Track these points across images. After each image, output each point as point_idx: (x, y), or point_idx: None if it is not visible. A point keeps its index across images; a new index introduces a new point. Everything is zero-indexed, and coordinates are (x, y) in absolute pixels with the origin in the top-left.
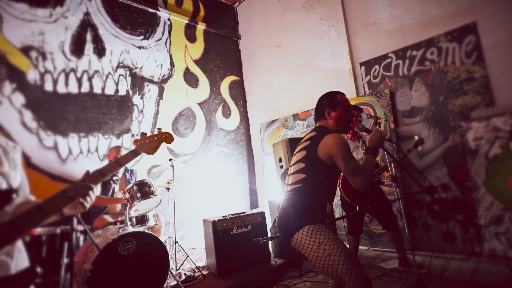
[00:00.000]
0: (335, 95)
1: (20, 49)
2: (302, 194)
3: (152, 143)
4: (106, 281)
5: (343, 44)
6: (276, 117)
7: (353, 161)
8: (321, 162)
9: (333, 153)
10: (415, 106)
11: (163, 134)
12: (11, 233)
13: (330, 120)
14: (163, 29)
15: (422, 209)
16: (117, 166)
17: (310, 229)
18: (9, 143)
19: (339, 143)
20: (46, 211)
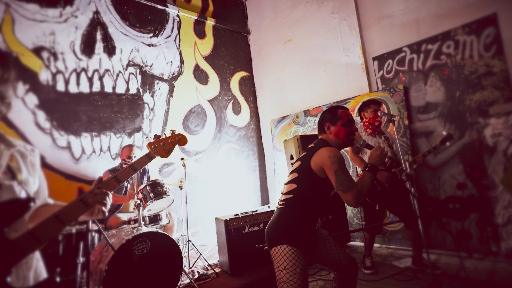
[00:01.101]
0: (336, 110)
1: (32, 50)
2: (292, 206)
3: (166, 145)
4: (122, 281)
5: (355, 38)
6: (287, 113)
7: (346, 177)
8: (313, 174)
9: (326, 167)
10: (430, 102)
11: (176, 136)
12: (31, 243)
13: (330, 135)
14: (172, 26)
15: (436, 207)
16: (131, 171)
17: (286, 249)
18: (27, 146)
19: (332, 156)
20: (63, 220)
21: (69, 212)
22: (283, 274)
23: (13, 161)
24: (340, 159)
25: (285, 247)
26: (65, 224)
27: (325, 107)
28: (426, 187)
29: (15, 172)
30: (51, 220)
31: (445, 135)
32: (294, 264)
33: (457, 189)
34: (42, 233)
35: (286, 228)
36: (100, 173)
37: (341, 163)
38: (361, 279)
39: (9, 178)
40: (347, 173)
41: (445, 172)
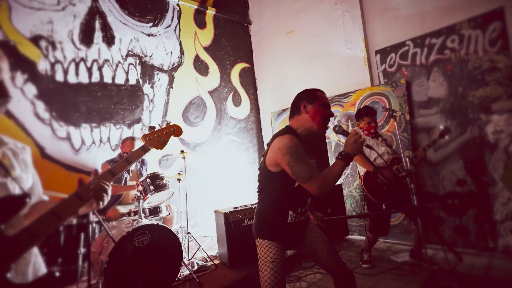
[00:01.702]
0: (315, 91)
1: (29, 38)
2: (262, 203)
3: (161, 137)
4: (122, 272)
5: (358, 31)
6: (288, 106)
7: (301, 166)
8: (268, 170)
9: (279, 161)
10: (432, 97)
11: (171, 127)
12: (28, 240)
13: (305, 115)
14: (172, 15)
15: (435, 202)
16: (126, 164)
17: (260, 242)
18: (18, 144)
19: (282, 147)
20: (60, 216)
21: (65, 208)
22: (259, 263)
23: (5, 158)
24: (291, 149)
25: (260, 241)
26: (61, 219)
27: None
28: (425, 182)
29: (8, 169)
30: (47, 216)
31: (442, 128)
32: (266, 253)
33: (457, 185)
34: (39, 229)
35: (260, 224)
36: (99, 164)
37: (294, 153)
38: (358, 273)
39: (2, 175)
40: (303, 162)
41: (445, 168)
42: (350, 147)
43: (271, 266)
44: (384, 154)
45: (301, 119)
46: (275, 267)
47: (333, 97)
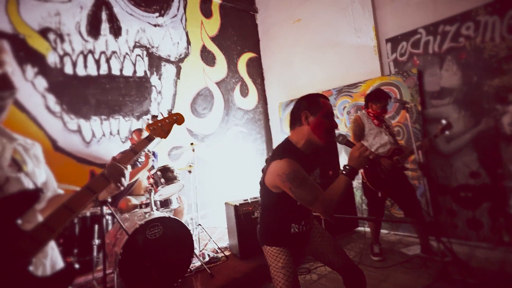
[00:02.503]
0: (317, 98)
1: (38, 31)
2: (263, 213)
3: (164, 126)
4: (136, 264)
5: (368, 19)
6: (295, 97)
7: (304, 191)
8: (269, 190)
9: (279, 185)
10: (444, 87)
11: (173, 116)
12: (45, 233)
13: (306, 127)
14: (178, 5)
15: (447, 195)
16: (132, 154)
17: (267, 249)
18: (28, 140)
19: (281, 174)
20: (73, 209)
21: (78, 200)
22: (270, 271)
23: (16, 154)
24: (290, 175)
25: (266, 248)
26: (75, 212)
27: (334, 90)
28: (437, 174)
29: (20, 164)
30: (61, 209)
31: (444, 123)
32: (276, 260)
33: (470, 177)
34: (54, 223)
35: (264, 231)
36: (111, 156)
37: (294, 179)
38: (369, 266)
39: (15, 171)
40: (304, 186)
41: (457, 160)
42: (355, 160)
43: (284, 272)
44: (386, 144)
45: (302, 131)
46: (287, 272)
47: (342, 87)
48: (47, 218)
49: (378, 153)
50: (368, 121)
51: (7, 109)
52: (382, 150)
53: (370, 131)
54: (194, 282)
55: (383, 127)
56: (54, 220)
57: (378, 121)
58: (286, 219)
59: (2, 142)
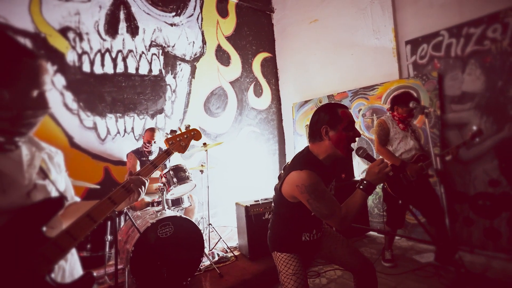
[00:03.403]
0: (336, 109)
1: (58, 30)
2: (274, 219)
3: (182, 141)
4: (147, 262)
5: (387, 20)
6: (310, 98)
7: (321, 204)
8: (285, 199)
9: (297, 196)
10: (466, 92)
11: (191, 131)
12: (68, 241)
13: (327, 142)
14: (195, 4)
15: (464, 203)
16: (152, 168)
17: (277, 255)
18: (52, 148)
19: (300, 186)
20: (95, 219)
21: (100, 211)
22: (280, 276)
23: (43, 162)
24: (310, 188)
25: (276, 253)
26: (96, 222)
27: (350, 92)
28: (455, 181)
29: (46, 172)
30: (83, 218)
31: (475, 130)
32: (286, 266)
33: (489, 185)
34: (77, 231)
35: (274, 237)
36: (125, 153)
37: (313, 191)
38: (380, 272)
39: (41, 178)
40: (322, 199)
41: (477, 167)
42: (373, 176)
43: (294, 279)
44: (412, 150)
45: (323, 145)
46: (298, 279)
47: (358, 89)
48: (70, 226)
49: (403, 159)
50: (393, 125)
51: (38, 124)
52: (406, 156)
53: (395, 135)
54: (203, 281)
55: (408, 131)
56: (77, 229)
57: (404, 125)
58: (298, 227)
59: (31, 151)
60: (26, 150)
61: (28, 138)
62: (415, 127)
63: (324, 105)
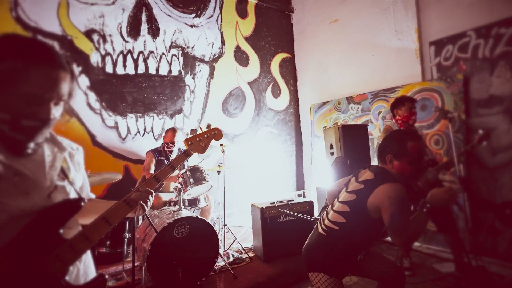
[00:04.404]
0: (405, 142)
1: (84, 33)
2: (336, 239)
3: (202, 141)
4: (163, 261)
5: (410, 20)
6: (328, 99)
7: (401, 220)
8: (366, 214)
9: (382, 206)
10: (494, 95)
11: (212, 131)
12: (84, 244)
13: (392, 169)
14: (215, 6)
15: (490, 212)
16: (170, 169)
17: (324, 278)
18: (73, 145)
19: (393, 197)
20: (110, 222)
21: (115, 213)
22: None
23: (64, 162)
24: (400, 200)
25: (322, 275)
26: (111, 225)
27: (370, 94)
28: (479, 188)
29: (66, 173)
30: (99, 221)
31: (481, 133)
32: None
33: None
34: (92, 234)
35: (325, 257)
36: (144, 152)
37: (401, 205)
38: None
39: (61, 179)
40: (404, 216)
41: (504, 174)
42: (440, 202)
43: None
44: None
45: (389, 168)
46: None
47: (379, 91)
48: (86, 228)
49: None
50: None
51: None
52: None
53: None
54: (218, 282)
55: None
56: (92, 231)
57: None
58: (363, 247)
59: (53, 152)
60: (48, 150)
61: (50, 138)
62: (421, 132)
63: (397, 132)
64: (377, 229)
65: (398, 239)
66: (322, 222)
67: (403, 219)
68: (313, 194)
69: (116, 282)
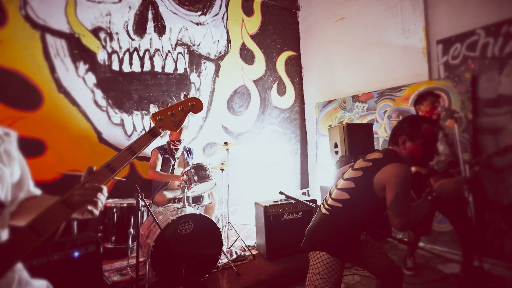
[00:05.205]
0: (420, 123)
1: (91, 31)
2: (339, 217)
3: (175, 115)
4: (167, 257)
5: (418, 18)
6: (334, 97)
7: (404, 202)
8: (372, 191)
9: (388, 184)
10: (503, 95)
11: (189, 101)
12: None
13: (404, 150)
14: (221, 3)
15: (496, 213)
16: (129, 155)
17: (324, 257)
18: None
19: (400, 176)
20: (40, 231)
21: (47, 219)
22: (316, 278)
23: None
24: (406, 181)
25: (323, 254)
26: (42, 235)
27: (376, 93)
28: (486, 189)
29: None
30: (24, 232)
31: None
32: (330, 273)
33: None
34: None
35: (328, 237)
36: (149, 149)
37: (406, 186)
38: None
39: None
40: (407, 198)
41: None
42: (448, 193)
43: (329, 285)
44: (441, 155)
45: (400, 151)
46: (334, 286)
47: (385, 90)
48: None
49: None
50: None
51: None
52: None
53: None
54: (220, 279)
55: (440, 134)
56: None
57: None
58: (365, 226)
59: None
60: None
61: None
62: (449, 130)
63: (413, 116)
64: (380, 208)
65: (397, 220)
66: (325, 202)
67: (406, 201)
68: (317, 193)
69: (121, 277)
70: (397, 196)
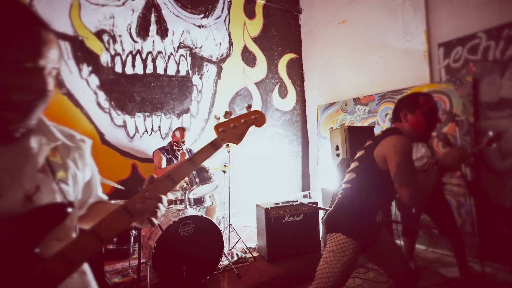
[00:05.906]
0: (417, 96)
1: (94, 33)
2: (350, 196)
3: (237, 128)
4: (168, 258)
5: (419, 21)
6: (335, 100)
7: (407, 171)
8: (375, 165)
9: (388, 157)
10: (504, 98)
11: (252, 114)
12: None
13: (406, 124)
14: (223, 6)
15: (498, 217)
16: (191, 166)
17: (340, 237)
18: (77, 136)
19: (398, 146)
20: (101, 236)
21: (108, 225)
22: (329, 255)
23: (55, 155)
24: (406, 150)
25: (339, 235)
26: (103, 241)
27: (377, 96)
28: (487, 193)
29: (55, 168)
30: (87, 236)
31: (491, 135)
32: (344, 252)
33: None
34: (75, 255)
35: (342, 217)
36: (151, 151)
37: (407, 155)
38: None
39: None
40: (410, 168)
41: None
42: (453, 162)
43: (345, 267)
44: (423, 158)
45: (402, 126)
46: (348, 268)
47: (386, 93)
48: (66, 247)
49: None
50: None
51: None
52: (417, 164)
53: None
54: (221, 281)
55: None
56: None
57: None
58: (379, 202)
59: (40, 143)
60: (34, 142)
61: (38, 126)
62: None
63: (410, 93)
64: (387, 181)
65: (405, 190)
66: (339, 191)
67: (410, 170)
68: (318, 195)
69: (122, 278)
70: (399, 166)
